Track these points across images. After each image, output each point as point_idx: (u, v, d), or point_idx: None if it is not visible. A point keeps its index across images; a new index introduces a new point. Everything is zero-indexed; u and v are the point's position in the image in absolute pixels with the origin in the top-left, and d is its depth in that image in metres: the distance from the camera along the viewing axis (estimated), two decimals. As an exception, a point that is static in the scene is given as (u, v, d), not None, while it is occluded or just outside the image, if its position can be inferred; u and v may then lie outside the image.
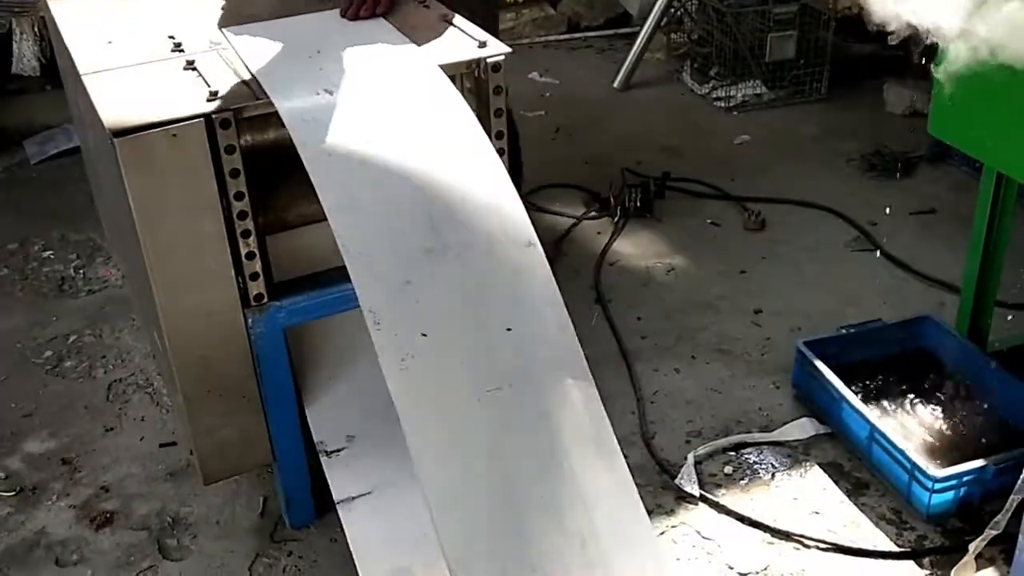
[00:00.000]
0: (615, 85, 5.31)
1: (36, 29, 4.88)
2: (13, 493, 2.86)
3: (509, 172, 2.13)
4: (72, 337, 3.49)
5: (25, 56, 4.95)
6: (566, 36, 6.02)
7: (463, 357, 1.93)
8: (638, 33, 5.38)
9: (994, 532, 2.34)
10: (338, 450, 2.49)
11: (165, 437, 3.02)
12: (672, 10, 5.34)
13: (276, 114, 2.15)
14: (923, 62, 3.59)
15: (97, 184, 3.25)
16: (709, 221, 4.06)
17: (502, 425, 1.91)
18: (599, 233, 4.00)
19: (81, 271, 3.86)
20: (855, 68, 5.12)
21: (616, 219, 4.01)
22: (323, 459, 2.49)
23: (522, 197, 2.12)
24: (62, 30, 2.59)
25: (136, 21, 2.59)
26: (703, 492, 2.74)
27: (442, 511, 1.83)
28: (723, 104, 5.02)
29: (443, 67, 2.29)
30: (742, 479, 2.81)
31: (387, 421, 2.12)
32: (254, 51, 2.34)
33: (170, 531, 2.71)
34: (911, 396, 2.98)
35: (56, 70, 4.64)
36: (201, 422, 2.37)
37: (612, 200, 4.05)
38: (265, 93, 2.13)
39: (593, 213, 4.10)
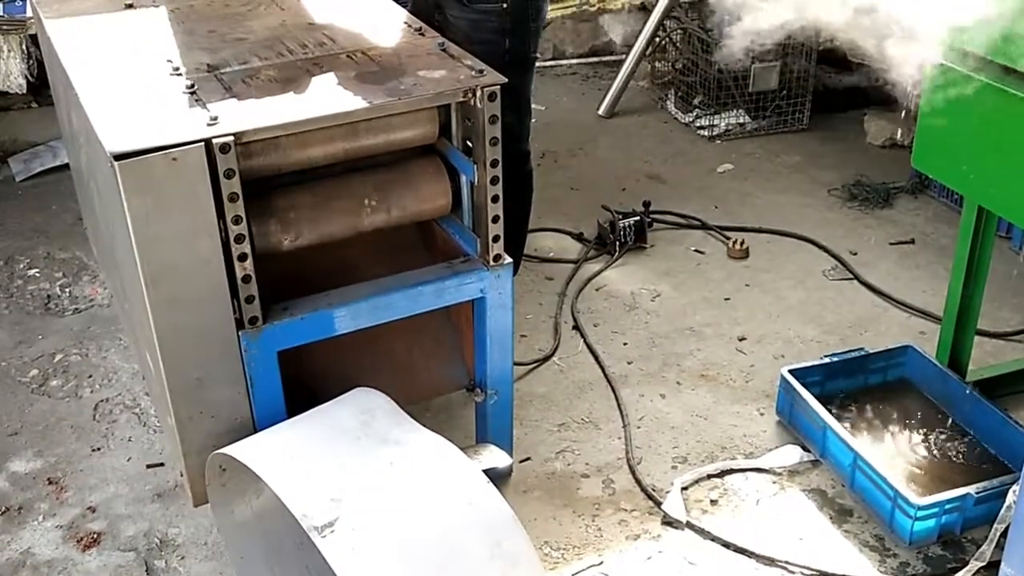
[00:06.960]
0: (600, 112, 5.36)
1: (24, 47, 4.87)
2: (-1, 513, 2.86)
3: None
4: (58, 356, 3.49)
5: (12, 73, 4.93)
6: (551, 63, 6.07)
7: None
8: (622, 61, 5.45)
9: (980, 564, 2.37)
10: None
11: (153, 458, 3.02)
12: (657, 39, 5.40)
13: (274, 139, 2.18)
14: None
15: (87, 203, 3.26)
16: (693, 249, 4.10)
17: None
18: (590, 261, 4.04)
19: (67, 289, 3.86)
20: (837, 99, 5.19)
21: (614, 255, 4.03)
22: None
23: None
24: (58, 50, 2.60)
25: (133, 44, 2.60)
26: (689, 518, 2.77)
27: None
28: (706, 133, 5.07)
29: (437, 95, 2.32)
30: (727, 505, 2.84)
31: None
32: None
33: (158, 552, 2.71)
34: (893, 424, 3.03)
35: (43, 87, 4.64)
36: (192, 443, 2.37)
37: (611, 237, 4.04)
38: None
39: (592, 253, 4.07)
